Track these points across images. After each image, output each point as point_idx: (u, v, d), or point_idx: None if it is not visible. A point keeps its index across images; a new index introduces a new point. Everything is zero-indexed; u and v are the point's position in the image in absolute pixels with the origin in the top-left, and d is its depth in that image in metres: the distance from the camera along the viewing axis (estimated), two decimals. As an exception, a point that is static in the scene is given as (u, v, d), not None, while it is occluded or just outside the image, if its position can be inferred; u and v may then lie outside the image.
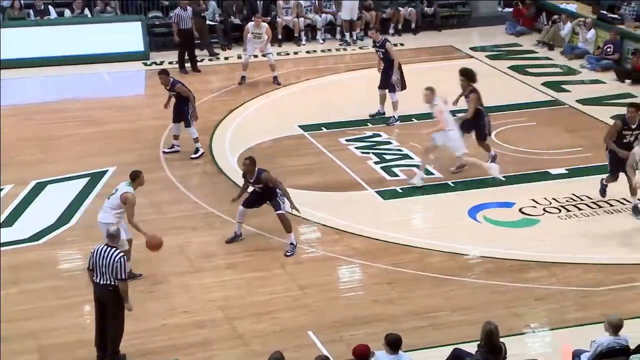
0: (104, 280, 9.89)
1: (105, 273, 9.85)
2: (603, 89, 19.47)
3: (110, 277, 9.85)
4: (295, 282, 11.92)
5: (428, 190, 14.59)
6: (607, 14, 21.99)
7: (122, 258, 9.88)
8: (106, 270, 9.84)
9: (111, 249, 9.91)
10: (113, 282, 9.85)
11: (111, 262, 9.81)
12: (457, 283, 11.90)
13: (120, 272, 9.82)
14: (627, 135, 13.37)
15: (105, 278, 9.87)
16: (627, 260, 12.35)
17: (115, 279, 9.84)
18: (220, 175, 15.33)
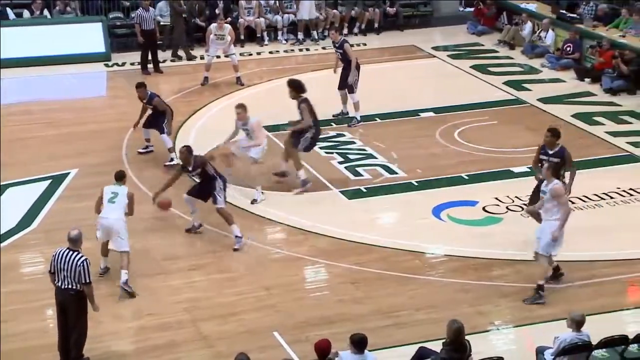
0: (65, 284, 9.80)
1: (67, 277, 9.76)
2: (563, 88, 19.68)
3: (73, 282, 9.76)
4: (260, 283, 11.90)
5: (392, 190, 14.65)
6: (567, 13, 22.23)
7: (85, 262, 9.78)
8: (68, 274, 9.75)
9: (73, 253, 9.82)
10: (75, 286, 9.76)
11: (74, 266, 9.72)
12: (421, 282, 11.96)
13: (84, 276, 9.73)
14: (544, 160, 12.29)
15: (67, 282, 9.78)
16: (588, 257, 12.49)
17: (78, 283, 9.75)
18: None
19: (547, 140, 12.50)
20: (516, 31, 22.66)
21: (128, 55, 21.66)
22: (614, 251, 12.61)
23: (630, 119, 17.69)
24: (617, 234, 13.16)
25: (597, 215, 13.74)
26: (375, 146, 16.31)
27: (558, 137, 12.50)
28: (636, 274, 12.09)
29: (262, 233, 13.36)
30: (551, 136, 12.48)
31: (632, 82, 19.04)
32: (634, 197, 14.25)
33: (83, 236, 10.14)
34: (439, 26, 24.66)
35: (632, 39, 20.16)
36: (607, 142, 16.54)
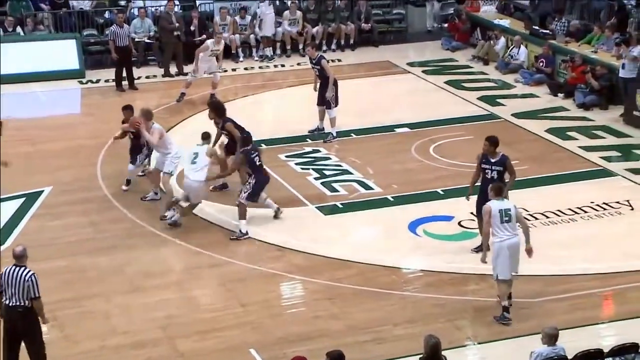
0: (14, 302, 9.64)
1: (15, 294, 9.61)
2: (537, 103, 19.82)
3: (21, 298, 9.61)
4: (237, 300, 11.85)
5: (368, 205, 14.66)
6: (539, 29, 22.43)
7: (33, 276, 9.64)
8: (16, 291, 9.60)
9: (20, 269, 9.68)
10: (24, 302, 9.62)
11: (22, 281, 9.58)
12: (398, 297, 11.96)
13: (33, 290, 9.60)
14: (487, 170, 12.47)
15: (15, 299, 9.63)
16: (563, 271, 12.54)
17: (27, 300, 9.60)
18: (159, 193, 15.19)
19: (487, 150, 12.58)
20: (490, 47, 22.82)
21: (102, 72, 21.59)
22: (588, 265, 12.67)
23: (602, 134, 17.84)
24: (592, 247, 13.24)
25: (571, 229, 13.82)
26: (351, 162, 16.33)
27: (496, 145, 12.60)
28: (611, 287, 12.15)
29: (238, 249, 13.32)
30: (490, 145, 12.56)
31: (604, 98, 19.21)
32: (607, 211, 14.35)
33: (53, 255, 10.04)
34: (414, 42, 24.78)
35: (603, 54, 20.36)
36: (581, 157, 16.65)
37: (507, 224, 11.20)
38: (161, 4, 23.24)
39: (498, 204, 11.31)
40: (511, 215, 11.24)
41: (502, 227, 11.18)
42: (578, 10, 23.65)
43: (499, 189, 11.56)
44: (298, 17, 23.50)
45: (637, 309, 11.55)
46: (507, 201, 11.49)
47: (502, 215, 11.18)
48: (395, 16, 25.63)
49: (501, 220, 11.18)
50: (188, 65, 21.96)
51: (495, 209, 11.22)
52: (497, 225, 11.16)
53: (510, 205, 11.36)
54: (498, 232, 11.17)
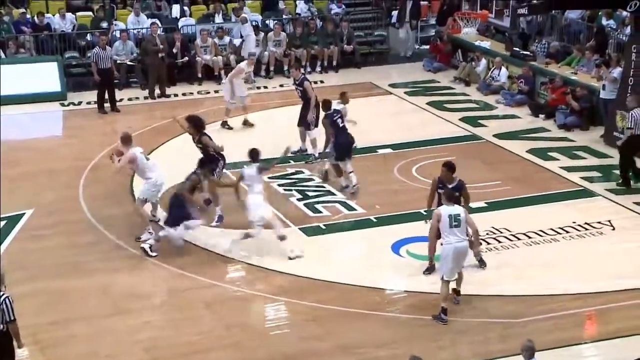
0: None
1: None
2: (518, 124, 19.95)
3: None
4: (221, 322, 11.82)
5: (351, 227, 14.68)
6: (520, 50, 22.61)
7: (8, 299, 9.53)
8: None
9: None
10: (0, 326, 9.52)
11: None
12: (381, 318, 11.96)
13: (8, 314, 9.50)
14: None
15: None
16: (545, 291, 12.58)
17: (2, 323, 9.50)
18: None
19: (444, 175, 12.90)
20: (471, 68, 22.98)
21: (84, 94, 21.58)
22: (571, 285, 12.72)
23: (583, 154, 17.96)
24: (574, 268, 13.30)
25: (553, 249, 13.88)
26: (333, 183, 16.35)
27: (453, 170, 12.95)
28: (593, 307, 12.20)
29: (221, 271, 13.29)
30: (447, 170, 12.91)
31: (585, 119, 19.36)
32: (589, 231, 14.43)
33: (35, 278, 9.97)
34: (395, 63, 24.92)
35: (583, 76, 20.55)
36: (562, 177, 16.76)
37: (455, 229, 11.66)
38: (143, 27, 23.30)
39: (448, 209, 11.77)
40: (460, 221, 11.67)
41: (450, 231, 11.65)
42: (558, 32, 23.89)
43: (451, 195, 12.06)
44: (282, 39, 23.62)
45: (620, 328, 11.61)
46: (457, 207, 11.92)
47: (451, 220, 11.64)
48: (376, 38, 25.81)
49: (450, 224, 11.64)
50: (171, 87, 22.06)
51: (445, 214, 11.69)
52: (446, 230, 11.66)
53: (460, 210, 11.81)
54: (447, 236, 11.67)
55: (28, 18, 23.24)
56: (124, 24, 23.68)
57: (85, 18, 23.89)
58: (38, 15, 23.09)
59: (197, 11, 24.88)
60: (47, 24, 23.14)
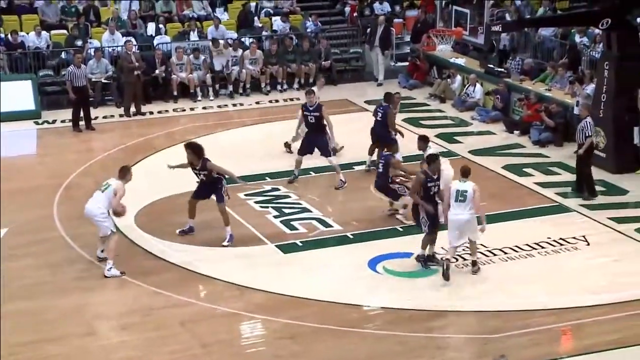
0: None
1: None
2: (493, 140, 20.06)
3: None
4: (196, 340, 11.74)
5: (328, 243, 14.67)
6: (494, 67, 22.76)
7: None
8: None
9: None
10: None
11: None
12: (358, 335, 11.93)
13: None
14: (431, 187, 13.44)
15: None
16: (522, 306, 12.62)
17: None
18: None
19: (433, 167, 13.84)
20: (446, 85, 23.10)
21: (58, 112, 21.47)
22: (547, 300, 12.77)
23: (558, 170, 18.08)
24: (549, 283, 13.35)
25: (529, 264, 13.93)
26: (310, 200, 16.36)
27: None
28: (569, 322, 12.25)
29: (196, 289, 13.22)
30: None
31: (559, 135, 19.50)
32: (564, 246, 14.50)
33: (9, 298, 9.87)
34: (371, 80, 24.99)
35: (557, 92, 20.71)
36: (537, 193, 16.85)
37: (460, 203, 13.13)
38: (118, 45, 23.26)
39: (458, 185, 13.30)
40: (466, 197, 13.13)
41: (455, 204, 13.17)
42: (532, 49, 24.08)
43: (466, 171, 13.48)
44: (258, 57, 23.65)
45: (595, 343, 11.65)
46: (467, 183, 13.28)
47: (457, 195, 13.17)
48: (352, 55, 25.90)
49: (456, 199, 13.16)
50: (146, 105, 22.01)
51: (454, 189, 13.25)
52: (452, 203, 13.18)
53: (468, 187, 13.23)
54: (452, 208, 13.20)
55: (1, 36, 23.11)
56: (98, 42, 23.61)
57: (60, 36, 23.79)
58: (12, 33, 22.97)
59: (173, 29, 24.87)
60: (21, 42, 23.02)
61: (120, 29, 24.02)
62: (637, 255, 14.26)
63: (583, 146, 16.42)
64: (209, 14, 25.78)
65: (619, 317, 12.26)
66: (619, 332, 11.89)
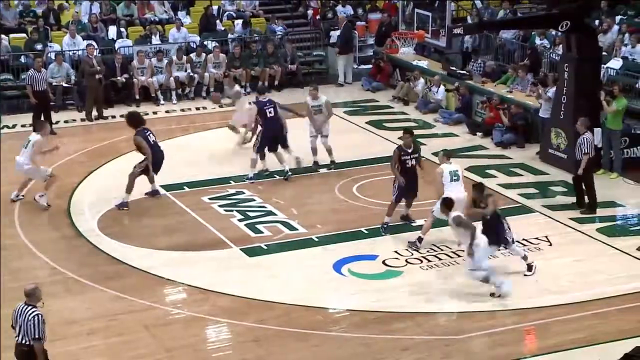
0: (20, 339, 9.73)
1: (22, 331, 9.69)
2: (456, 142, 20.15)
3: (26, 336, 9.66)
4: (161, 345, 11.66)
5: (293, 246, 14.65)
6: (457, 70, 22.90)
7: (37, 317, 9.67)
8: (23, 329, 9.68)
9: (28, 307, 9.75)
10: (28, 341, 9.66)
11: (26, 320, 9.64)
12: (323, 337, 11.93)
13: (34, 330, 9.62)
14: (407, 160, 14.82)
15: (21, 336, 9.71)
16: (486, 307, 12.69)
17: (30, 339, 9.64)
18: (79, 238, 14.94)
19: (406, 142, 14.96)
20: (409, 88, 23.19)
21: (18, 117, 21.22)
22: (510, 300, 12.84)
23: (520, 171, 18.21)
24: (513, 283, 13.40)
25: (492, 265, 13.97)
26: (274, 203, 16.32)
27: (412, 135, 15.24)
28: (532, 322, 12.33)
29: (159, 293, 13.13)
30: (409, 136, 15.04)
31: (520, 136, 19.66)
32: (527, 247, 14.59)
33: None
34: (334, 83, 25.01)
35: (518, 94, 20.88)
36: (500, 194, 16.94)
37: (456, 182, 14.18)
38: (79, 49, 23.05)
39: (448, 167, 14.30)
40: (459, 176, 14.25)
41: (451, 184, 14.09)
42: (493, 52, 24.26)
43: (450, 153, 14.67)
44: (221, 60, 23.59)
45: (559, 342, 11.74)
46: (454, 164, 14.41)
47: (452, 175, 14.21)
48: (315, 58, 25.93)
49: (451, 179, 14.16)
50: (108, 109, 21.84)
51: (446, 171, 14.21)
52: (448, 183, 14.10)
53: (457, 167, 14.41)
54: (449, 187, 14.00)
55: (-40, 40, 22.82)
56: (59, 45, 23.39)
57: (19, 40, 23.53)
58: (-30, 37, 22.70)
59: (134, 33, 24.72)
60: (-19, 45, 22.75)
61: (80, 32, 23.82)
62: (599, 255, 14.41)
63: (581, 165, 15.76)
64: (171, 17, 25.66)
65: (582, 316, 12.38)
66: (583, 331, 12.00)
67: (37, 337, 9.68)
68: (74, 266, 13.73)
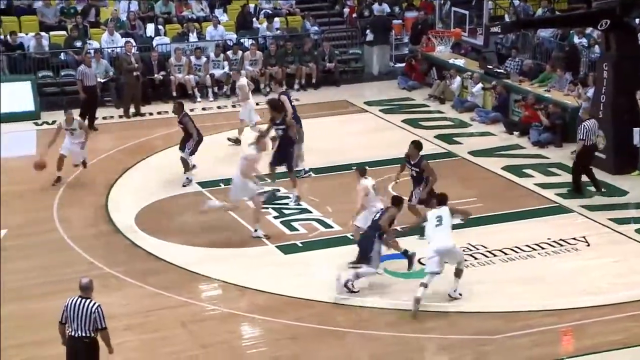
0: (79, 333, 9.75)
1: (80, 325, 9.72)
2: (493, 141, 20.05)
3: (86, 330, 9.72)
4: (196, 341, 11.73)
5: (328, 244, 14.66)
6: (494, 68, 22.77)
7: (100, 308, 9.77)
8: (82, 323, 9.71)
9: (86, 300, 9.80)
10: (88, 334, 9.73)
11: (88, 313, 9.70)
12: (359, 336, 11.93)
13: (100, 322, 9.73)
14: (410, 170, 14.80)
15: (80, 330, 9.74)
16: (523, 307, 12.61)
17: (91, 331, 9.72)
18: (116, 234, 15.07)
19: (411, 152, 14.71)
20: (445, 86, 23.10)
21: (57, 113, 21.41)
22: (547, 301, 12.76)
23: (558, 171, 18.07)
24: (550, 283, 13.35)
25: (529, 265, 13.92)
26: (310, 200, 16.34)
27: (420, 148, 14.77)
28: (569, 323, 12.24)
29: (197, 290, 13.21)
30: (414, 148, 14.69)
31: (558, 135, 19.50)
32: (564, 247, 14.50)
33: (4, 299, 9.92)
34: (370, 81, 24.99)
35: (556, 93, 20.72)
36: (537, 194, 16.85)
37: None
38: (117, 46, 23.25)
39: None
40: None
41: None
42: (531, 50, 24.08)
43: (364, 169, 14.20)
44: (258, 58, 23.68)
45: (596, 344, 11.64)
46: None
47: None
48: (351, 56, 25.91)
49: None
50: (146, 106, 22.01)
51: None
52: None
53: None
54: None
55: (1, 38, 23.09)
56: (97, 42, 23.61)
57: (59, 37, 23.78)
58: (11, 34, 22.97)
59: (172, 30, 24.88)
60: (20, 43, 23.01)
61: (119, 29, 24.03)
62: (637, 255, 14.26)
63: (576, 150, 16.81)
64: (208, 15, 25.79)
65: (620, 318, 12.26)
66: (620, 332, 11.89)
67: (104, 327, 9.77)
68: (111, 262, 13.85)
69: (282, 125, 16.50)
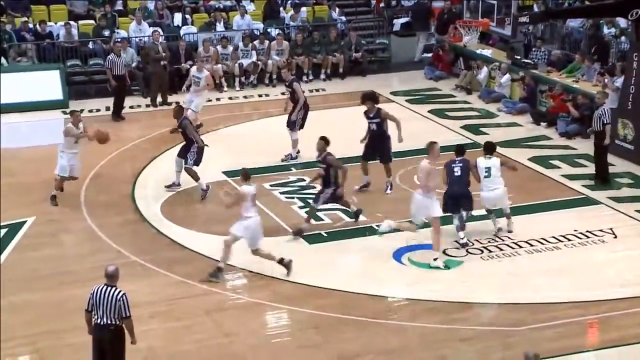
0: (105, 321, 9.84)
1: (106, 313, 9.81)
2: (520, 132, 19.93)
3: (112, 317, 9.81)
4: (220, 330, 11.79)
5: (353, 234, 14.65)
6: (521, 59, 22.60)
7: (125, 296, 9.85)
8: (107, 310, 9.80)
9: (111, 288, 9.88)
10: (114, 321, 9.82)
11: (114, 301, 9.79)
12: (382, 326, 11.92)
13: (124, 310, 9.81)
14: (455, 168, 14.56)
15: (106, 318, 9.82)
16: (548, 299, 12.55)
17: (117, 319, 9.81)
18: (143, 223, 15.16)
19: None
20: (472, 76, 22.97)
21: (86, 102, 21.58)
22: (573, 293, 12.69)
23: (585, 162, 17.91)
24: (576, 275, 13.27)
25: (555, 257, 13.85)
26: (335, 191, 16.31)
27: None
28: (595, 315, 12.16)
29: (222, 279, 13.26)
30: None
31: (586, 126, 19.32)
32: (591, 239, 14.40)
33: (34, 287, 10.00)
34: (398, 71, 24.91)
35: (584, 84, 20.53)
36: (564, 185, 16.73)
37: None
38: (145, 35, 23.34)
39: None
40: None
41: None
42: (559, 40, 23.87)
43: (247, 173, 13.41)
44: (284, 48, 23.68)
45: (622, 336, 11.57)
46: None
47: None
48: (378, 46, 25.84)
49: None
50: (173, 95, 22.08)
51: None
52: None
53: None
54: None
55: (30, 26, 23.26)
56: (125, 32, 23.72)
57: (87, 26, 23.92)
58: (40, 23, 23.14)
59: (199, 20, 24.93)
60: (49, 32, 23.18)
61: (147, 19, 24.12)
62: (665, 248, 14.14)
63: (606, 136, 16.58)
64: (235, 4, 25.81)
65: (646, 311, 12.18)
66: (646, 325, 11.81)
67: (128, 316, 9.85)
68: (137, 250, 13.94)
69: (376, 118, 16.22)
